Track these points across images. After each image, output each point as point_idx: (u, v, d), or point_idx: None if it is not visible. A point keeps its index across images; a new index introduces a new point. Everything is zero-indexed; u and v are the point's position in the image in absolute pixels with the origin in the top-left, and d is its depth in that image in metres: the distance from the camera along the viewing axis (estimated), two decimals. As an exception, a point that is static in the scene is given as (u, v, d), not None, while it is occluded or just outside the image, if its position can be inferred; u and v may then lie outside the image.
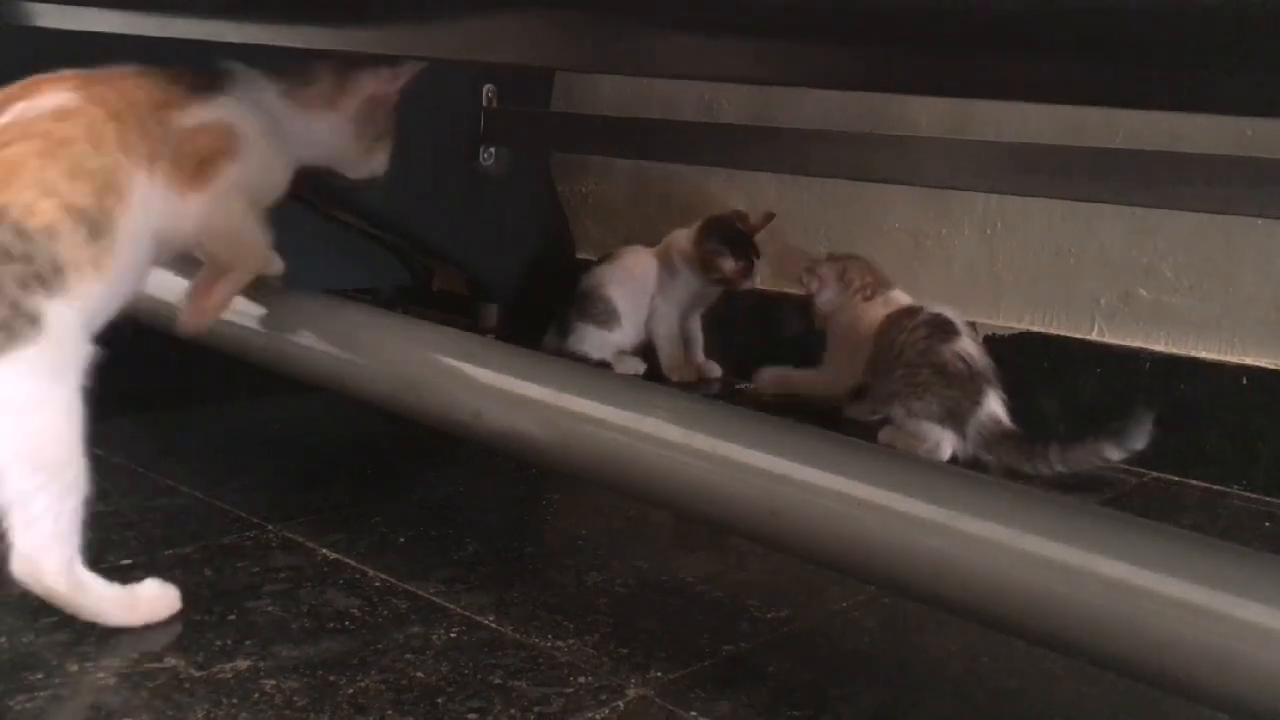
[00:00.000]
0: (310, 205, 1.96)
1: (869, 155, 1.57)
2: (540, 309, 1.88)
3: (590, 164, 2.11)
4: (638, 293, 1.78)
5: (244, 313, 1.11)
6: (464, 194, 1.99)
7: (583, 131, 1.96)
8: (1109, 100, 0.82)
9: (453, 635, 0.95)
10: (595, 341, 1.77)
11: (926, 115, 1.64)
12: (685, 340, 1.82)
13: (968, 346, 1.48)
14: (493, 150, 1.99)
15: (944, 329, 1.48)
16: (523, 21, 0.92)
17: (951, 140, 1.54)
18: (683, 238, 1.79)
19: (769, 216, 1.76)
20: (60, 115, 0.87)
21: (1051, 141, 1.45)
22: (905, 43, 0.71)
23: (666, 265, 1.80)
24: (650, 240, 1.89)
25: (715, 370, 1.82)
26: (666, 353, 1.80)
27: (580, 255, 2.11)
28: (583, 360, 1.72)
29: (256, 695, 0.84)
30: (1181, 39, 0.60)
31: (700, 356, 1.83)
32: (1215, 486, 1.46)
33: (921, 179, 1.54)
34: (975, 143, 1.52)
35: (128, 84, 0.94)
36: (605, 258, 1.84)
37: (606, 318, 1.77)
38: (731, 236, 1.72)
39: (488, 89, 1.97)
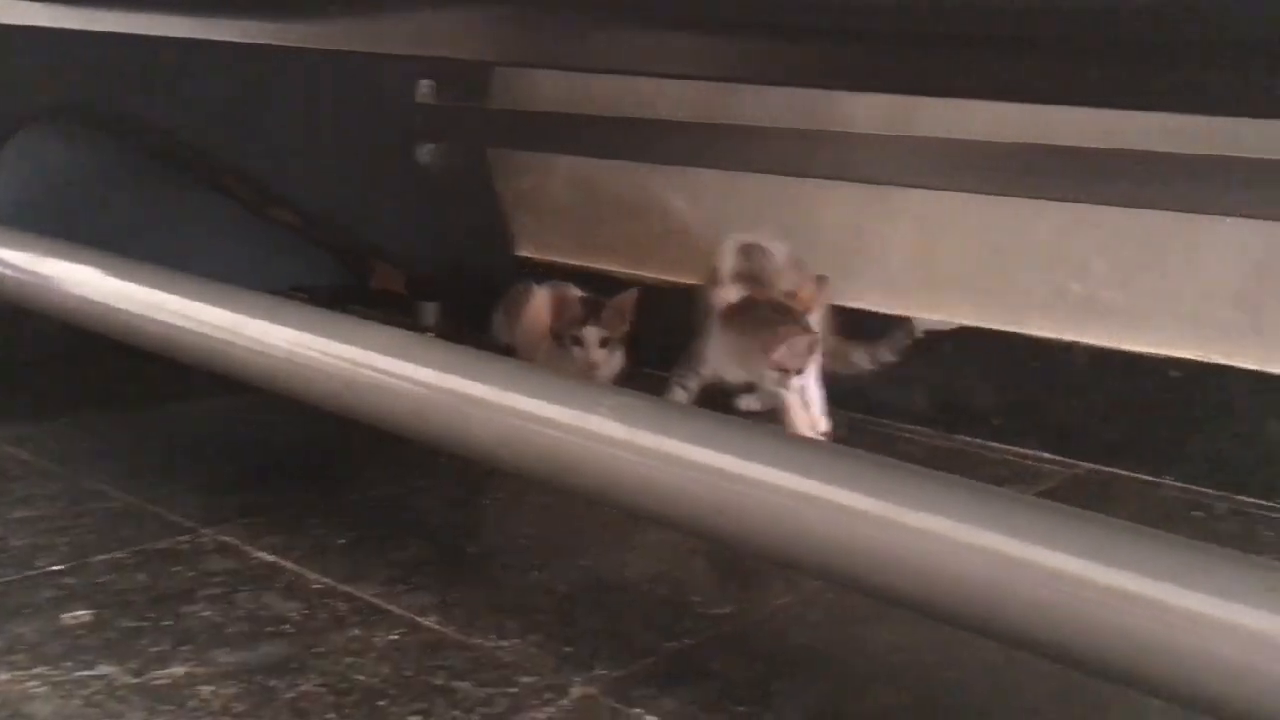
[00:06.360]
0: (243, 203, 1.93)
1: (808, 151, 1.58)
2: (480, 307, 1.87)
3: (529, 160, 2.10)
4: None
5: (176, 312, 1.09)
6: (401, 191, 1.97)
7: (522, 127, 1.95)
8: (1046, 97, 0.83)
9: (394, 637, 0.94)
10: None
11: (863, 111, 1.65)
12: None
13: None
14: (430, 146, 1.97)
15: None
16: (460, 16, 0.91)
17: (889, 136, 1.56)
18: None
19: (635, 297, 1.65)
20: None
21: (986, 138, 1.47)
22: (845, 39, 0.71)
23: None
24: (589, 239, 1.88)
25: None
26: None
27: (521, 253, 2.10)
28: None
29: (193, 702, 0.83)
30: (1117, 36, 0.61)
31: None
32: (1147, 477, 1.48)
33: (860, 175, 1.55)
34: (912, 139, 1.53)
35: None
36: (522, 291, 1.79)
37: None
38: (596, 307, 1.63)
39: (424, 84, 1.96)
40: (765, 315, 1.44)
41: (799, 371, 1.45)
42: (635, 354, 1.65)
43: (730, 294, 1.50)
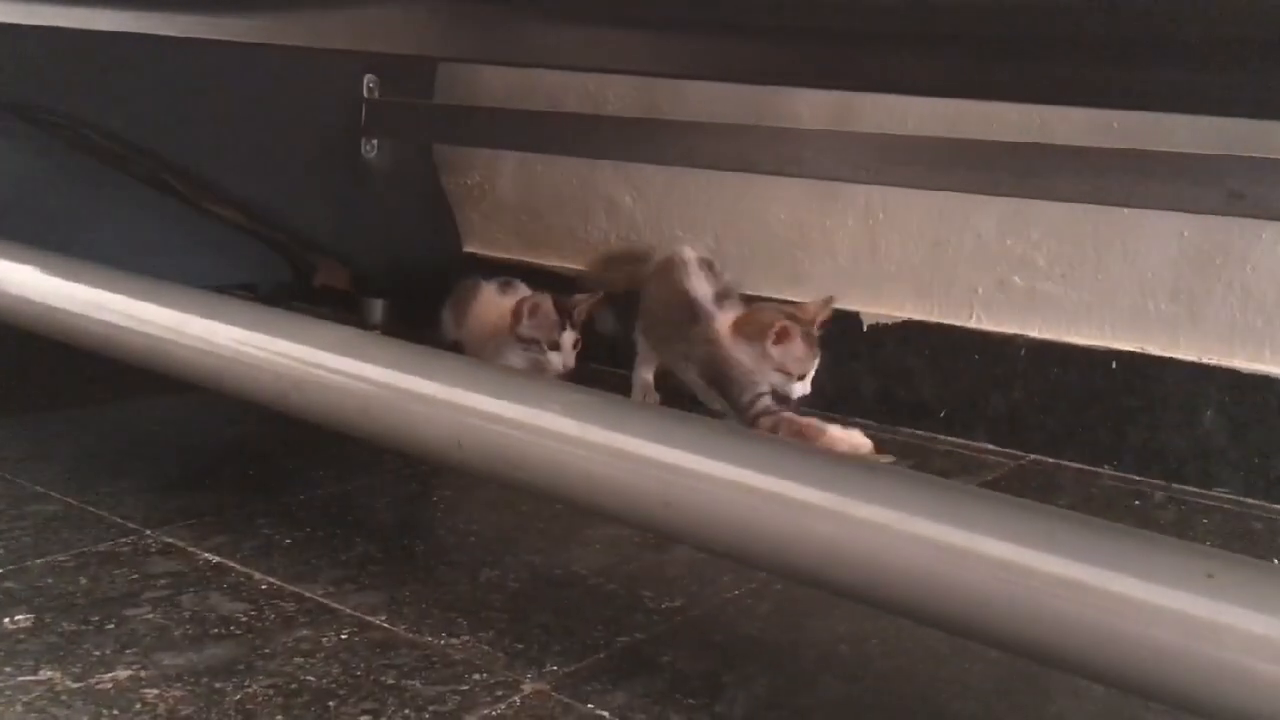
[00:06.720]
0: (186, 200, 1.90)
1: (754, 147, 1.59)
2: (426, 303, 1.86)
3: (475, 156, 2.09)
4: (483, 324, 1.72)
5: (118, 311, 1.07)
6: (346, 187, 1.95)
7: (467, 123, 1.94)
8: (979, 92, 0.84)
9: (343, 637, 0.94)
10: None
11: (809, 108, 1.66)
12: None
13: None
14: (375, 142, 1.96)
15: None
16: (405, 10, 0.91)
17: (834, 132, 1.57)
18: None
19: (598, 300, 1.66)
20: None
21: (929, 134, 1.49)
22: (791, 36, 0.72)
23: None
24: (536, 235, 1.87)
25: None
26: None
27: (467, 249, 2.09)
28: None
29: (138, 705, 0.82)
30: (1039, 34, 0.63)
31: None
32: (1088, 467, 1.51)
33: (805, 171, 1.56)
34: (857, 135, 1.55)
35: None
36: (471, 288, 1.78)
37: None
38: (568, 310, 1.62)
39: (369, 79, 1.94)
40: (767, 318, 1.45)
41: (801, 376, 1.45)
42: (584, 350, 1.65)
43: (727, 313, 1.49)
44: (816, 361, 1.46)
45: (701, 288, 1.51)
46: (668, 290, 1.53)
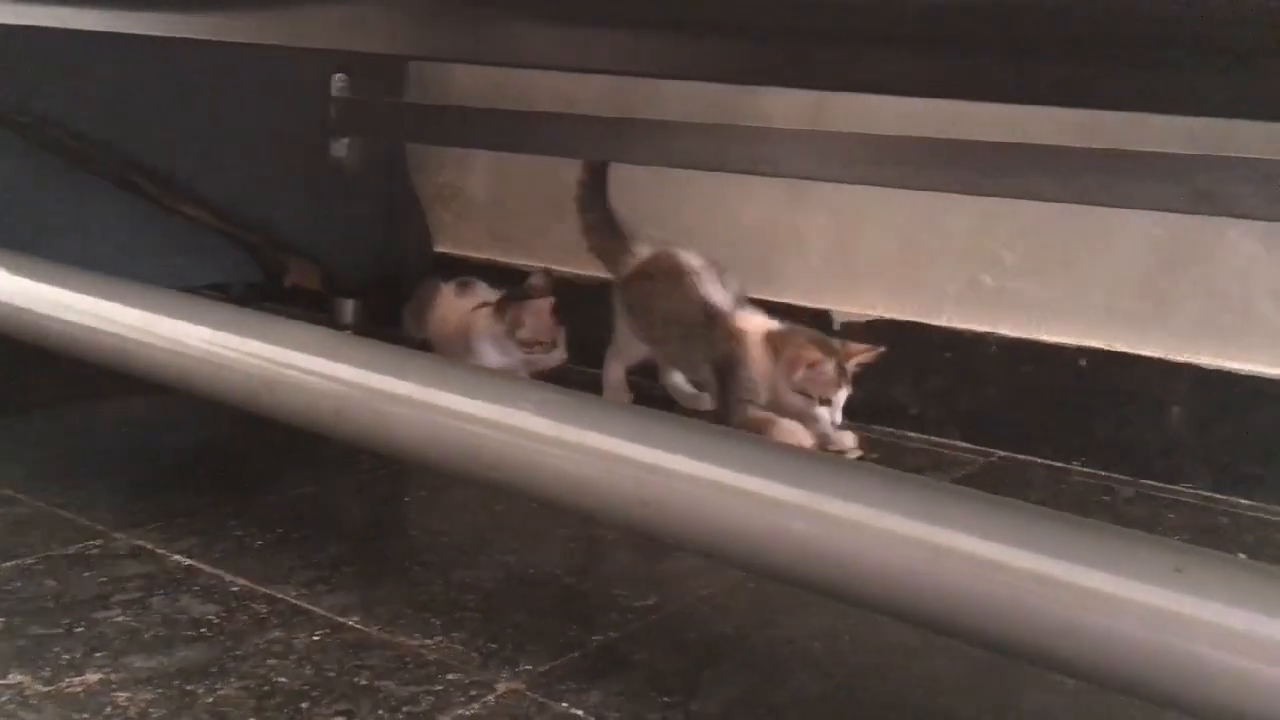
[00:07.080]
0: (156, 200, 1.89)
1: (726, 147, 1.59)
2: (398, 303, 1.85)
3: (447, 155, 2.09)
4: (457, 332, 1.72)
5: (86, 311, 1.06)
6: (316, 186, 1.94)
7: (438, 122, 1.93)
8: (950, 92, 0.85)
9: (316, 638, 0.93)
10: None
11: (781, 107, 1.67)
12: None
13: None
14: (345, 141, 1.95)
15: None
16: (375, 9, 0.90)
17: (807, 132, 1.57)
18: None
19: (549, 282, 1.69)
20: None
21: (901, 133, 1.49)
22: (763, 36, 0.72)
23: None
24: (508, 235, 1.87)
25: None
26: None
27: (439, 249, 2.08)
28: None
29: (109, 709, 0.81)
30: (1010, 34, 0.63)
31: None
32: (1057, 463, 1.52)
33: (777, 170, 1.57)
34: (829, 134, 1.55)
35: None
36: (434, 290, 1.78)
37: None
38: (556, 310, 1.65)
39: (338, 78, 1.93)
40: (801, 343, 1.46)
41: (825, 402, 1.45)
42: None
43: (754, 320, 1.51)
44: (845, 392, 1.46)
45: (718, 294, 1.52)
46: (679, 298, 1.54)
